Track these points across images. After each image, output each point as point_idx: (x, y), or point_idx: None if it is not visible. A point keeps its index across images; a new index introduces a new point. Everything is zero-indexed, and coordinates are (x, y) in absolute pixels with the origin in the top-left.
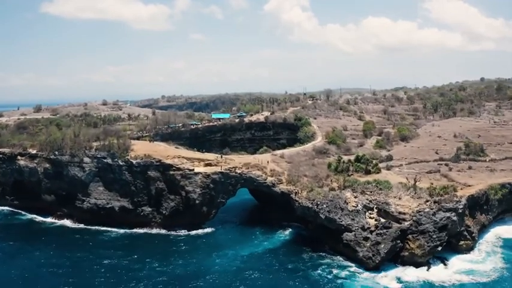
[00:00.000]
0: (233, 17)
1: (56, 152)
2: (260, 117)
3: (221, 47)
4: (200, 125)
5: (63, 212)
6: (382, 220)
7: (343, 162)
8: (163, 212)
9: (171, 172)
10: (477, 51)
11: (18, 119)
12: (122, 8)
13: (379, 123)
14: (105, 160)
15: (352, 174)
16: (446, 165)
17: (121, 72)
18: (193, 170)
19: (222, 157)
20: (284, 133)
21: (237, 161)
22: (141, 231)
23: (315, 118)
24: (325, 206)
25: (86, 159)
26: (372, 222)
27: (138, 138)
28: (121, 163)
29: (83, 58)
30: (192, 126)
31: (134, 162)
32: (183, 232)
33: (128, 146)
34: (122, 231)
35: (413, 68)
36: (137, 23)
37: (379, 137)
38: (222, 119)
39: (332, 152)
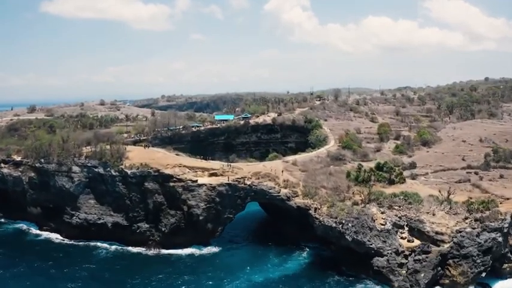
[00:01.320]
0: (233, 17)
1: (42, 160)
2: (267, 118)
3: (221, 47)
4: (202, 127)
5: (50, 226)
6: (418, 242)
7: (364, 171)
8: (163, 229)
9: (171, 184)
10: (478, 51)
11: (11, 120)
12: (122, 8)
13: (393, 125)
14: (96, 169)
15: (374, 185)
16: (476, 173)
17: (121, 72)
18: (196, 181)
19: (229, 166)
20: (293, 136)
21: (245, 170)
22: (136, 249)
23: (326, 120)
24: (350, 225)
25: (75, 168)
26: (405, 243)
27: (135, 143)
28: (114, 173)
29: (83, 58)
30: (193, 128)
31: (129, 172)
32: (185, 251)
33: (122, 153)
34: (113, 248)
35: (414, 68)
36: (137, 22)
37: (397, 141)
38: (225, 120)
39: (348, 158)
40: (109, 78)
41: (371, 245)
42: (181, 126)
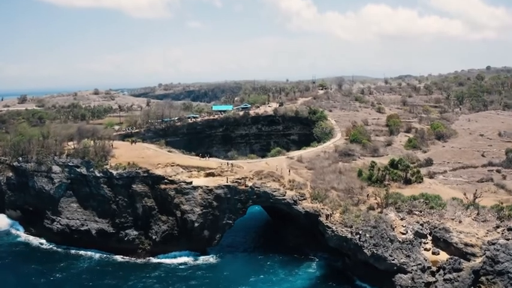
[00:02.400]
0: (232, 4)
1: (20, 158)
2: (268, 109)
3: (220, 35)
4: (199, 119)
5: (30, 231)
6: (444, 255)
7: (379, 169)
8: (153, 237)
9: (163, 186)
10: (479, 40)
11: (1, 111)
12: None
13: (402, 116)
14: (78, 169)
15: (388, 184)
16: (498, 171)
17: (119, 61)
18: (191, 182)
19: (228, 164)
20: (295, 128)
21: (246, 169)
22: (124, 259)
23: (330, 111)
24: (368, 235)
25: (55, 168)
26: (430, 256)
27: (126, 137)
28: (98, 174)
29: (81, 47)
30: (189, 120)
31: (114, 173)
32: (178, 260)
33: (108, 151)
34: (97, 256)
35: (414, 57)
36: (136, 10)
37: (408, 134)
38: (223, 111)
39: (357, 153)
40: (107, 67)
41: (393, 260)
42: (176, 118)
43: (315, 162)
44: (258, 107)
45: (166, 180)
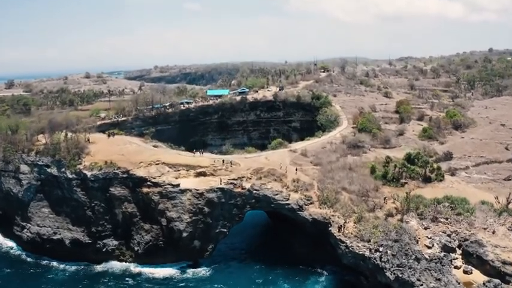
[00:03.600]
0: None
1: None
2: (267, 94)
3: (217, 16)
4: (193, 105)
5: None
6: (479, 275)
7: (395, 165)
8: (136, 248)
9: (145, 189)
10: (479, 22)
11: None
12: None
13: (412, 102)
14: (48, 170)
15: (406, 183)
16: None
17: (116, 43)
18: (178, 185)
19: (223, 163)
20: (297, 114)
21: (243, 166)
22: (103, 268)
23: (335, 95)
24: (389, 252)
25: (24, 168)
26: (461, 275)
27: (112, 126)
28: (70, 175)
29: (78, 30)
30: (182, 106)
31: (89, 174)
32: (164, 272)
33: (82, 148)
34: (73, 268)
35: (415, 39)
36: None
37: (420, 122)
38: (219, 96)
39: (367, 144)
40: (104, 50)
41: (421, 285)
42: (167, 104)
43: (322, 157)
44: (257, 91)
45: (149, 183)
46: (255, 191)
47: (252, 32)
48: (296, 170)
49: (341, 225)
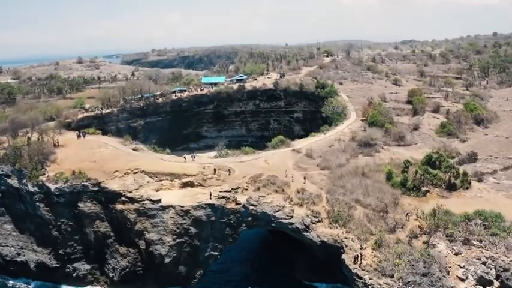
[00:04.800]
0: None
1: None
2: (267, 82)
3: None
4: (185, 94)
5: None
6: None
7: (416, 171)
8: (110, 274)
9: (119, 206)
10: (482, 6)
11: None
12: None
13: (424, 90)
14: (9, 180)
15: (428, 191)
16: None
17: (115, 26)
18: (159, 200)
19: (215, 172)
20: (300, 104)
21: (238, 173)
22: None
23: (341, 83)
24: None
25: None
26: None
27: (95, 119)
28: (32, 188)
29: (76, 12)
30: (174, 95)
31: (53, 187)
32: None
33: (47, 154)
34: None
35: (417, 22)
36: None
37: (436, 114)
38: (214, 84)
39: (380, 141)
40: (102, 33)
41: None
42: (158, 92)
43: (330, 159)
44: (255, 79)
45: (124, 198)
46: (251, 207)
47: (252, 15)
48: (304, 178)
49: (357, 256)
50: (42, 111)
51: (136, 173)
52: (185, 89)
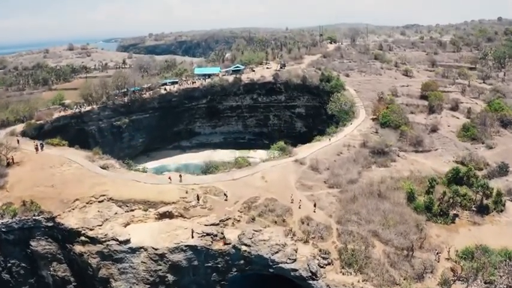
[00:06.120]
0: None
1: None
2: (265, 73)
3: None
4: (175, 88)
5: None
6: None
7: (444, 193)
8: None
9: (78, 248)
10: None
11: None
12: None
13: (438, 83)
14: None
15: (457, 216)
16: None
17: (113, 9)
18: (127, 241)
19: (198, 198)
20: (302, 98)
21: (229, 197)
22: None
23: (347, 75)
24: None
25: None
26: None
27: (73, 119)
28: None
29: None
30: (163, 89)
31: None
32: None
33: None
34: None
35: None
36: None
37: (455, 113)
38: (209, 75)
39: (394, 147)
40: (101, 16)
41: None
42: (146, 85)
43: (339, 172)
44: (253, 70)
45: (84, 238)
46: (244, 247)
47: None
48: (314, 206)
49: None
50: (14, 110)
51: (102, 201)
52: (177, 80)
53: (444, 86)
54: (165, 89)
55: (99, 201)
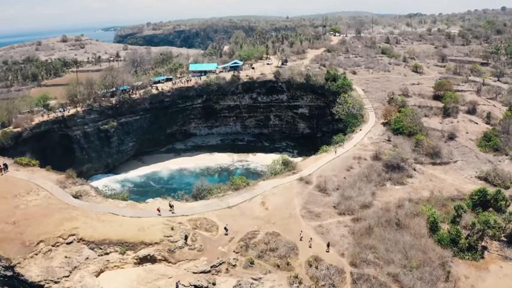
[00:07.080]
0: None
1: None
2: (266, 70)
3: None
4: (167, 88)
5: None
6: None
7: (473, 224)
8: None
9: None
10: None
11: None
12: None
13: (450, 81)
14: None
15: (485, 248)
16: None
17: None
18: None
19: (186, 238)
20: (305, 98)
21: (222, 231)
22: None
23: (354, 72)
24: None
25: None
26: None
27: (55, 124)
28: None
29: None
30: (155, 88)
31: None
32: None
33: None
34: None
35: None
36: None
37: (472, 117)
38: (204, 72)
39: (410, 158)
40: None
41: None
42: (137, 83)
43: (350, 194)
44: (252, 65)
45: None
46: None
47: None
48: (328, 246)
49: None
50: None
51: (70, 242)
52: (171, 77)
53: (457, 84)
54: (157, 88)
55: (68, 243)
